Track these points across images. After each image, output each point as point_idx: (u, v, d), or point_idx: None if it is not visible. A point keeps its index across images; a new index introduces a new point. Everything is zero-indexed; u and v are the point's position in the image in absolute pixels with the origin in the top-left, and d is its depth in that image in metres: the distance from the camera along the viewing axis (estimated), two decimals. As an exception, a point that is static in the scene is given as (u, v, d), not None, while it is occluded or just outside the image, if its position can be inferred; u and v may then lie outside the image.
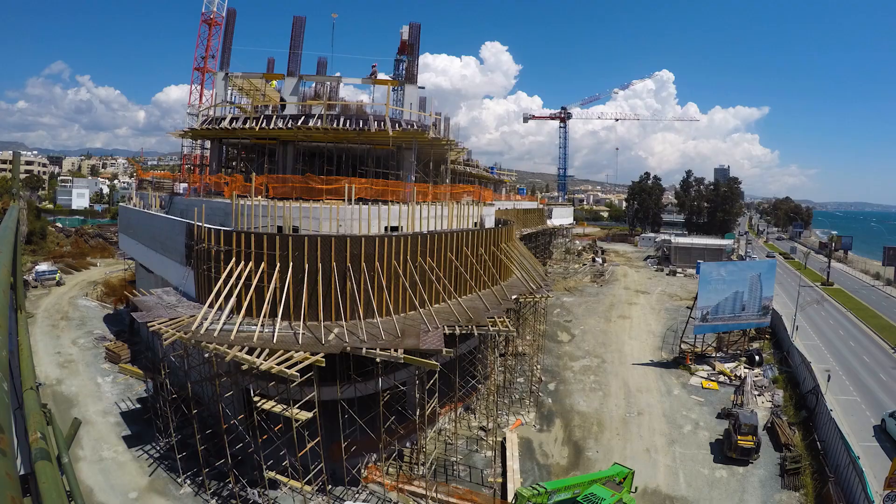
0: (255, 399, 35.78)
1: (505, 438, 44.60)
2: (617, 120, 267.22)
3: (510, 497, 36.44)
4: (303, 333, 35.43)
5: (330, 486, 37.55)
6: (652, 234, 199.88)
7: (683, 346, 67.38)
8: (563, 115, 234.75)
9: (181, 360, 42.04)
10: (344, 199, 44.26)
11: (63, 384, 51.87)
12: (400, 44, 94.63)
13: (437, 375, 35.00)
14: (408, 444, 40.10)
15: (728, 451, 43.84)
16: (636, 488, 36.91)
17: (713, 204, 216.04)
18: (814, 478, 40.17)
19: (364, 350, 34.16)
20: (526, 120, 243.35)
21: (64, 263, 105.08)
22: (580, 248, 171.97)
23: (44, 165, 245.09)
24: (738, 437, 43.25)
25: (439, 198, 51.85)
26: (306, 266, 37.46)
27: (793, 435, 45.97)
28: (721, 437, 46.58)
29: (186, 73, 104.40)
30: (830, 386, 53.12)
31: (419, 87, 61.16)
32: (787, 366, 61.37)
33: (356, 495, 37.23)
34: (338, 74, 63.00)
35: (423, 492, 36.64)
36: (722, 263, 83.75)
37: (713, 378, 59.57)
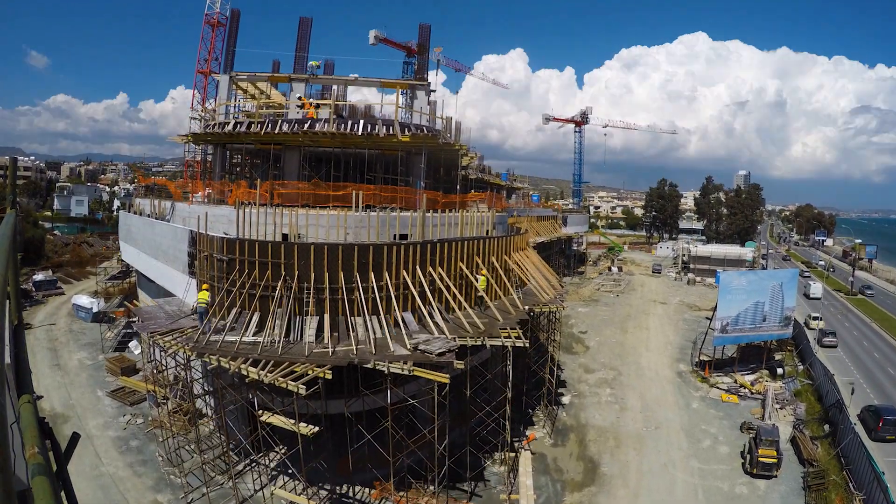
0: (260, 413, 35.87)
1: (518, 453, 44.59)
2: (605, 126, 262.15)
3: None
4: (308, 344, 35.49)
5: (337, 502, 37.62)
6: (670, 242, 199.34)
7: (702, 357, 67.18)
8: (579, 120, 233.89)
9: (183, 372, 42.16)
10: (351, 206, 44.35)
11: (62, 397, 52.01)
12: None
13: (447, 388, 34.94)
14: (418, 459, 40.02)
15: (749, 467, 43.72)
16: None
17: (733, 210, 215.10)
18: (838, 494, 39.97)
19: (372, 362, 34.14)
20: (546, 121, 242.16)
21: (63, 273, 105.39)
22: (596, 256, 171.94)
23: (41, 171, 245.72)
24: (760, 452, 43.09)
25: (450, 205, 51.87)
26: (312, 275, 37.49)
27: (815, 450, 45.78)
28: (742, 452, 46.46)
29: (189, 75, 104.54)
30: (855, 399, 52.85)
31: (430, 90, 61.25)
32: (810, 378, 61.14)
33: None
34: (354, 76, 63.03)
35: (434, 509, 36.66)
36: (742, 272, 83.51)
37: (733, 391, 59.31)
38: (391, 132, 49.60)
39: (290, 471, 38.71)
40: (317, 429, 33.82)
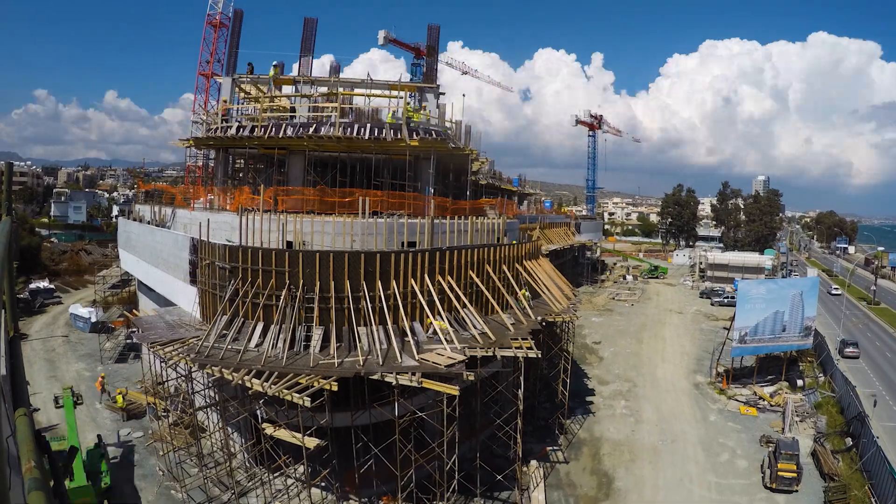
0: (264, 426, 35.81)
1: (530, 467, 44.46)
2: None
3: None
4: (314, 355, 35.41)
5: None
6: (687, 250, 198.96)
7: (720, 369, 66.96)
8: (593, 123, 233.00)
9: (185, 384, 42.16)
10: (358, 213, 44.28)
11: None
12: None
13: (457, 401, 34.82)
14: (427, 474, 39.85)
15: (768, 481, 43.47)
16: None
17: (752, 217, 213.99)
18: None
19: (379, 373, 34.06)
20: (577, 123, 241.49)
21: (60, 281, 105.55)
22: (611, 264, 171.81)
23: (38, 177, 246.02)
24: (779, 466, 42.86)
25: (460, 211, 51.77)
26: (318, 283, 37.44)
27: (836, 464, 45.54)
28: (761, 466, 46.22)
29: (191, 78, 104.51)
30: (877, 411, 52.66)
31: (440, 93, 61.18)
32: (831, 390, 60.84)
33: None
34: (366, 77, 63.02)
35: (443, 525, 36.53)
36: (761, 281, 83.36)
37: (752, 403, 59.06)
38: (399, 136, 49.57)
39: (294, 486, 38.63)
40: (322, 442, 33.77)
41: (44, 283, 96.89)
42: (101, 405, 53.10)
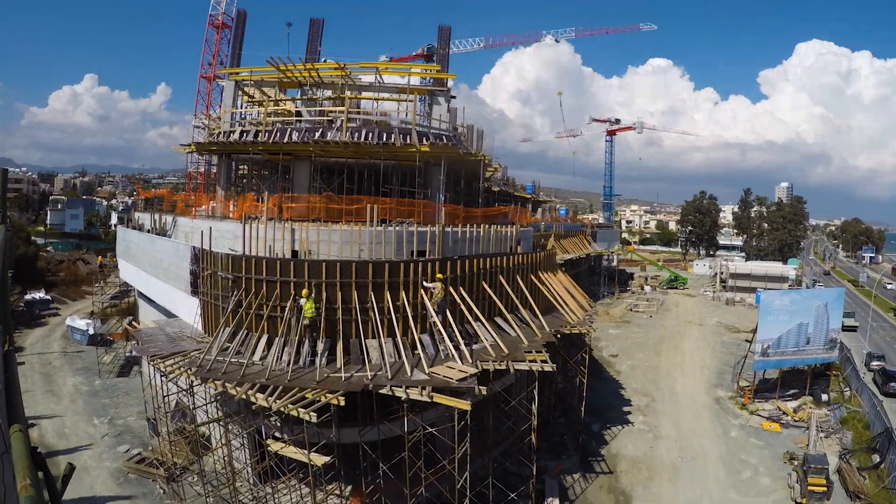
0: (268, 442, 35.73)
1: (544, 485, 44.27)
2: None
3: None
4: (320, 369, 35.33)
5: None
6: (708, 259, 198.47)
7: (742, 383, 66.63)
8: (611, 128, 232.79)
9: (185, 399, 42.12)
10: (366, 221, 44.17)
11: (55, 425, 52.03)
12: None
13: (468, 416, 34.65)
14: (437, 492, 39.66)
15: (798, 497, 43.18)
16: None
17: (775, 226, 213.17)
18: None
19: (388, 388, 33.94)
20: (590, 122, 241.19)
21: (57, 292, 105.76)
22: (629, 274, 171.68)
23: (34, 184, 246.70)
24: (809, 480, 42.60)
25: (471, 219, 51.65)
26: (324, 294, 37.33)
27: (862, 482, 45.31)
28: (787, 481, 45.98)
29: (192, 80, 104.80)
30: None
31: (451, 96, 61.06)
32: (857, 405, 60.52)
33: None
34: (374, 80, 62.93)
35: (454, 545, 36.34)
36: (785, 292, 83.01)
37: (775, 419, 58.76)
38: (409, 141, 49.46)
39: (299, 503, 38.57)
40: (328, 459, 33.65)
41: (40, 294, 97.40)
42: (100, 421, 53.01)
